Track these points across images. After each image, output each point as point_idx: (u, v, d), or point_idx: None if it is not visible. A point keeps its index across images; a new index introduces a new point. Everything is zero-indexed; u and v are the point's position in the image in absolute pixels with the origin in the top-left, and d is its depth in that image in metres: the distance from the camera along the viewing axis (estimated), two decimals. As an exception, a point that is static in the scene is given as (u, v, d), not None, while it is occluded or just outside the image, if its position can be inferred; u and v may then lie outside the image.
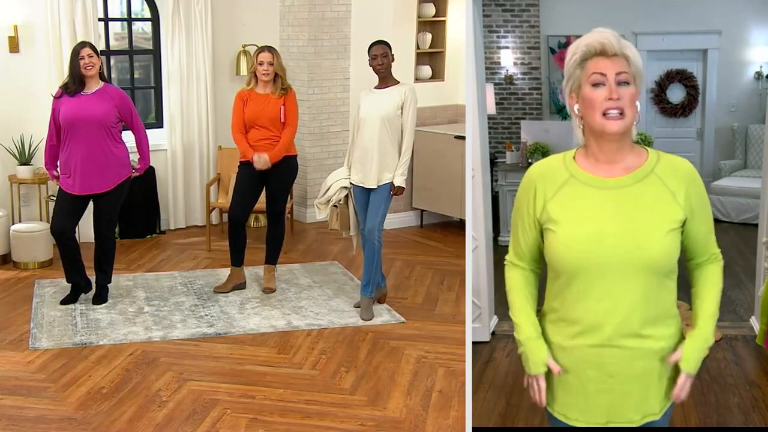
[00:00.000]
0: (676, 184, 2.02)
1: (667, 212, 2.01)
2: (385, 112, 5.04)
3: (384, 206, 5.14)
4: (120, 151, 5.27)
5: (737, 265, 6.01)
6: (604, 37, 1.98)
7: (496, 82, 8.44)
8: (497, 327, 4.91)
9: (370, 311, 5.24)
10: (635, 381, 2.10)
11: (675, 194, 2.02)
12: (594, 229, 2.01)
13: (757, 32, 8.29)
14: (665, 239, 1.99)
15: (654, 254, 1.98)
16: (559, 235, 2.05)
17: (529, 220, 2.14)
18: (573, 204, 2.05)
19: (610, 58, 1.98)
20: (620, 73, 1.97)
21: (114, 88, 5.35)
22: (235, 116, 5.48)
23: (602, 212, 2.01)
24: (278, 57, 5.42)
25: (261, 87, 5.45)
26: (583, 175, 2.06)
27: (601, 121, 1.98)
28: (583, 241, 2.01)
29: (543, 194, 2.09)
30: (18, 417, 3.90)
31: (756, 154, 8.12)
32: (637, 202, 2.00)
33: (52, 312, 5.26)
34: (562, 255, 2.04)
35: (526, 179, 2.15)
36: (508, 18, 8.41)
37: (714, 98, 8.53)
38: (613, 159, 2.04)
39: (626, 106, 1.96)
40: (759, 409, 3.87)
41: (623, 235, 1.99)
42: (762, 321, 4.35)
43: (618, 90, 1.96)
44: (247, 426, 3.86)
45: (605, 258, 1.99)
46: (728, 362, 4.40)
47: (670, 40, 8.39)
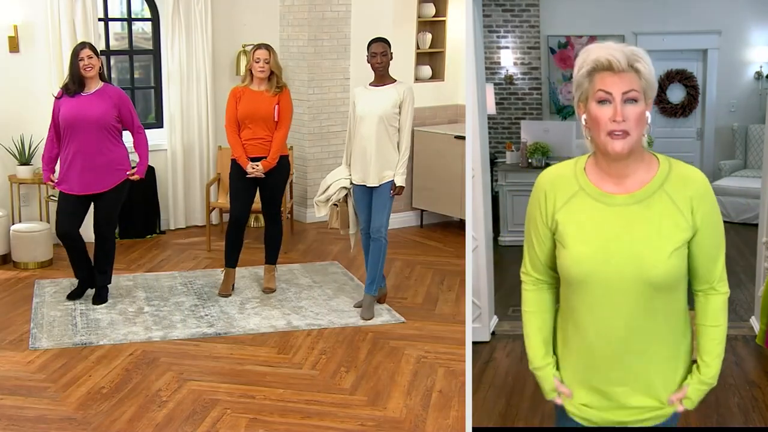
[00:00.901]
0: (684, 200, 1.97)
1: (673, 231, 1.97)
2: (384, 110, 5.04)
3: (389, 204, 5.17)
4: (119, 151, 5.26)
5: (737, 265, 6.00)
6: (610, 54, 1.90)
7: (496, 82, 8.44)
8: (497, 327, 4.91)
9: (371, 310, 5.24)
10: (639, 392, 2.11)
11: (683, 211, 1.97)
12: (600, 246, 1.99)
13: (757, 32, 8.29)
14: (669, 260, 1.96)
15: (657, 274, 1.96)
16: (567, 249, 2.04)
17: (543, 228, 2.12)
18: (580, 218, 2.04)
19: (617, 74, 1.90)
20: (627, 92, 1.90)
21: (113, 88, 5.35)
22: (229, 113, 5.42)
23: (609, 230, 1.99)
24: (275, 55, 5.38)
25: (256, 84, 5.40)
26: (591, 189, 2.03)
27: (605, 140, 1.93)
28: (589, 257, 2.00)
29: (553, 202, 2.08)
30: (18, 417, 3.90)
31: (756, 154, 8.12)
32: (643, 220, 1.97)
33: (52, 312, 5.26)
34: (570, 270, 2.04)
35: (536, 187, 2.13)
36: (508, 18, 8.41)
37: (714, 98, 8.54)
38: (622, 173, 2.00)
39: (631, 127, 1.90)
40: (759, 409, 3.87)
41: (628, 254, 1.97)
42: (762, 321, 4.35)
43: (624, 109, 1.90)
44: (247, 426, 3.86)
45: (610, 275, 1.99)
46: (728, 362, 4.38)
47: (670, 40, 8.38)
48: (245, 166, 5.37)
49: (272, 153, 5.40)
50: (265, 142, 5.41)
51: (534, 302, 2.23)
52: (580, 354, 2.14)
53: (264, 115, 5.36)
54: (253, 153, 5.41)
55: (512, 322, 4.98)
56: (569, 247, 2.03)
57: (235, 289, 5.70)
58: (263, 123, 5.37)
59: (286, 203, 6.77)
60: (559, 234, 2.07)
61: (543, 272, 2.20)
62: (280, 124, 5.42)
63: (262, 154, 5.41)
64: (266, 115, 5.36)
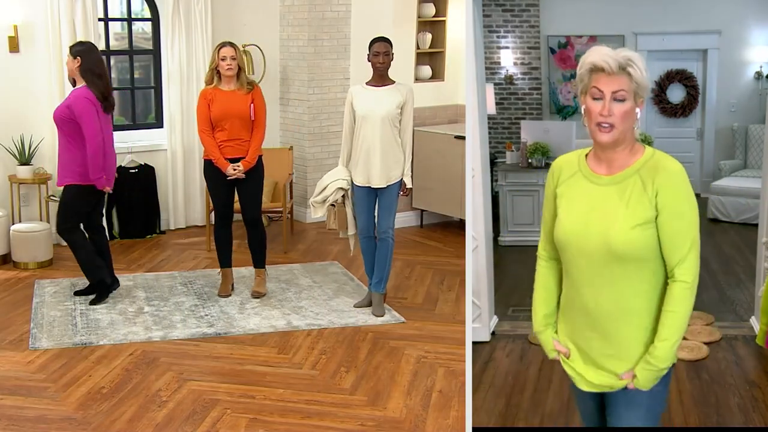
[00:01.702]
0: (651, 184, 2.24)
1: (637, 209, 2.24)
2: (387, 111, 5.03)
3: (396, 205, 5.19)
4: (66, 154, 5.23)
5: (737, 265, 6.01)
6: (604, 59, 2.21)
7: (496, 82, 8.44)
8: (497, 327, 4.91)
9: (382, 307, 5.28)
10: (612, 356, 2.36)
11: (648, 193, 2.24)
12: (581, 218, 2.33)
13: (757, 32, 8.29)
14: (631, 232, 2.23)
15: (618, 245, 2.24)
16: (558, 219, 2.39)
17: (551, 200, 2.46)
18: (573, 194, 2.38)
19: (609, 75, 2.21)
20: (617, 92, 2.21)
21: (78, 90, 5.21)
22: (200, 116, 5.29)
23: (590, 204, 2.32)
24: (239, 51, 5.28)
25: (225, 83, 5.29)
26: (586, 171, 2.37)
27: (594, 129, 2.27)
28: (572, 226, 2.34)
29: (557, 180, 2.43)
30: (18, 417, 3.90)
31: (756, 154, 8.12)
32: (616, 198, 2.28)
33: (52, 312, 5.27)
34: (558, 236, 2.38)
35: (549, 170, 2.50)
36: (508, 18, 8.41)
37: (714, 98, 8.54)
38: (611, 159, 2.32)
39: (616, 121, 2.22)
40: (759, 409, 3.87)
41: (599, 226, 2.28)
42: (762, 321, 4.34)
43: (612, 106, 2.21)
44: (247, 426, 3.86)
45: (584, 244, 2.30)
46: (728, 362, 4.40)
47: (670, 40, 8.39)
48: (224, 169, 5.27)
49: (251, 153, 5.32)
50: (243, 143, 5.31)
51: (543, 278, 2.56)
52: (568, 314, 2.45)
53: (240, 114, 5.26)
54: (231, 154, 5.30)
55: (512, 322, 4.98)
56: (560, 216, 2.39)
57: (235, 289, 5.69)
58: (240, 123, 5.27)
59: (285, 203, 6.77)
60: (557, 206, 2.41)
61: (552, 248, 2.51)
62: (256, 123, 5.34)
63: (239, 155, 5.32)
64: (242, 115, 5.26)
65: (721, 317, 4.99)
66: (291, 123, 7.69)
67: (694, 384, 4.14)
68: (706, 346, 4.55)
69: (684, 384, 4.12)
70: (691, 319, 2.21)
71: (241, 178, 5.33)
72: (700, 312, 5.00)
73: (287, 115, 7.72)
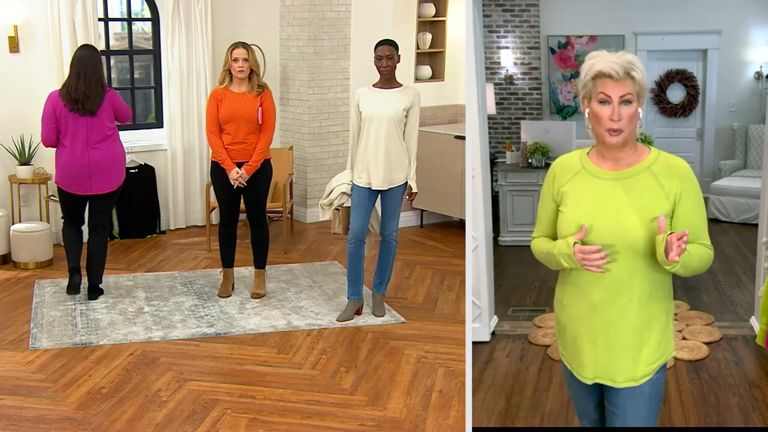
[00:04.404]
0: (668, 180, 2.35)
1: (654, 203, 2.34)
2: (393, 113, 5.01)
3: (399, 208, 5.17)
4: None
5: (737, 265, 6.01)
6: (609, 67, 2.29)
7: (496, 82, 8.44)
8: (497, 327, 4.91)
9: (383, 308, 5.29)
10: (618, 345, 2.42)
11: (664, 187, 2.35)
12: (590, 211, 2.39)
13: (757, 32, 8.29)
14: (649, 225, 2.31)
15: (636, 237, 2.32)
16: (565, 214, 2.46)
17: (549, 200, 2.55)
18: (580, 190, 2.45)
19: (616, 81, 2.30)
20: (624, 95, 2.30)
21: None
22: (209, 117, 5.26)
23: (599, 198, 2.40)
24: (253, 53, 5.24)
25: (236, 85, 5.26)
26: (591, 168, 2.45)
27: (604, 134, 2.35)
28: (580, 217, 2.39)
29: (559, 180, 2.51)
30: (18, 417, 3.90)
31: (756, 154, 8.12)
32: (626, 192, 2.37)
33: (52, 312, 5.27)
34: (565, 230, 2.43)
35: (550, 169, 2.58)
36: (508, 18, 8.41)
37: (714, 98, 8.53)
38: (617, 157, 2.41)
39: (625, 125, 2.32)
40: (759, 409, 3.87)
41: (612, 218, 2.35)
42: (762, 321, 4.33)
43: (620, 109, 2.30)
44: (247, 426, 3.86)
45: (595, 236, 2.35)
46: (728, 362, 4.40)
47: (670, 40, 8.39)
48: (230, 171, 5.25)
49: (255, 156, 5.26)
50: (248, 146, 5.27)
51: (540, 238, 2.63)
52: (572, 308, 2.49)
53: (247, 117, 5.21)
54: (236, 158, 5.27)
55: (512, 322, 4.99)
56: (567, 208, 2.46)
57: (235, 289, 5.70)
58: (246, 125, 5.23)
59: (285, 203, 6.77)
60: (562, 202, 2.49)
61: (547, 234, 2.61)
62: (264, 127, 5.29)
63: (244, 159, 5.28)
64: (250, 117, 5.22)
65: (721, 317, 4.99)
66: (291, 123, 7.69)
67: (694, 384, 4.14)
68: (706, 346, 4.55)
69: (684, 384, 4.12)
70: (691, 319, 2.23)
71: (242, 186, 5.30)
72: (700, 312, 5.00)
73: (287, 115, 7.72)
